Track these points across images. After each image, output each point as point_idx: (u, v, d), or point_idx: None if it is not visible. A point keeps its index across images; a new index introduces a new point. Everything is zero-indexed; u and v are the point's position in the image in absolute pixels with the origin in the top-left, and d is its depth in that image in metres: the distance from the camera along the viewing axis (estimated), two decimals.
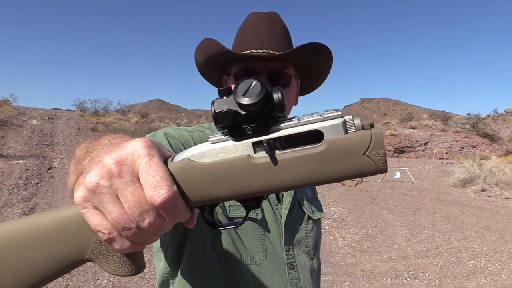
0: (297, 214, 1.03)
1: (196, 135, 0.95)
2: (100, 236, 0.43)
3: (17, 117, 16.09)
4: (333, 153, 0.45)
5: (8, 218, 6.31)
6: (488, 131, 24.73)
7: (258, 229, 0.93)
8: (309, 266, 1.02)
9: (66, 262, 0.45)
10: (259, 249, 0.92)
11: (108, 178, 0.40)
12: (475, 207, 8.98)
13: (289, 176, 0.46)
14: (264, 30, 1.00)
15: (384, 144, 0.45)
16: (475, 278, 4.82)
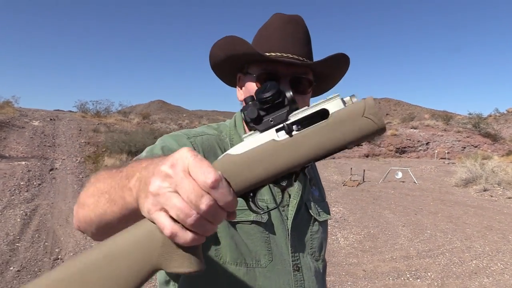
0: (303, 216, 1.03)
1: (198, 140, 0.95)
2: (165, 232, 0.49)
3: (19, 118, 16.11)
4: (339, 121, 0.56)
5: (10, 219, 6.32)
6: (490, 131, 24.66)
7: (263, 232, 0.94)
8: (314, 268, 1.02)
9: (142, 272, 0.52)
10: (264, 251, 0.93)
11: (167, 180, 0.50)
12: (477, 207, 8.96)
13: (308, 148, 0.56)
14: (289, 34, 0.99)
15: (376, 106, 0.57)
16: (477, 278, 4.81)
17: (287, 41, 0.98)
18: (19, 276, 4.41)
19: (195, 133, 0.98)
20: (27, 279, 4.35)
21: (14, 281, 4.29)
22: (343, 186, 11.97)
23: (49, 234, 5.86)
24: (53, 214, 6.84)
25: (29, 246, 5.34)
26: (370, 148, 22.57)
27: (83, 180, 9.57)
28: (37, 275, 4.50)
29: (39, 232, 5.91)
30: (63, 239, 5.69)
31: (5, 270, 4.55)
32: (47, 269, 4.67)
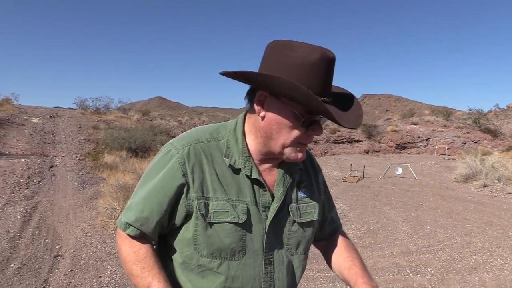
0: (283, 217, 1.13)
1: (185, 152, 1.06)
2: None
3: (19, 115, 16.10)
4: None
5: (10, 216, 6.32)
6: (490, 127, 24.62)
7: (240, 231, 1.06)
8: (287, 261, 1.14)
9: None
10: (239, 247, 1.06)
11: None
12: (477, 202, 8.96)
13: None
14: (330, 76, 1.03)
15: None
16: (477, 273, 4.81)
17: (328, 84, 1.02)
18: (20, 273, 4.41)
19: (188, 141, 1.08)
20: (27, 276, 4.36)
21: (15, 278, 4.30)
22: (343, 182, 11.98)
23: (50, 231, 5.86)
24: (53, 211, 6.85)
25: (29, 243, 5.34)
26: (370, 144, 22.57)
27: (83, 177, 9.57)
28: (38, 272, 4.51)
29: (39, 229, 5.92)
30: (64, 236, 5.69)
31: (5, 267, 4.55)
32: (47, 266, 4.68)
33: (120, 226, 1.09)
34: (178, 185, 1.04)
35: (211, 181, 1.05)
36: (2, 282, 4.17)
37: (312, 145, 21.03)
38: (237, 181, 1.08)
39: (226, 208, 1.04)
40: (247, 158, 1.09)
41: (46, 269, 4.61)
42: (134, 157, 12.11)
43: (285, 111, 1.01)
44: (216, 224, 1.04)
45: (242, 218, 1.05)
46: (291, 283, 1.17)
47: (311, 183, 1.24)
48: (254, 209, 1.08)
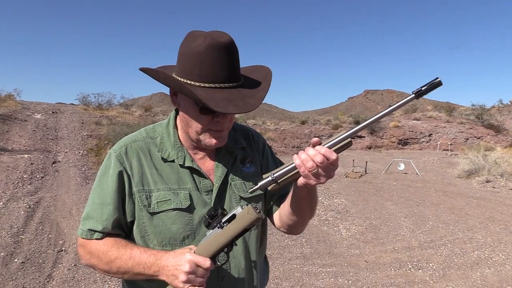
0: (230, 195, 1.20)
1: (123, 150, 1.17)
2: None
3: (21, 111, 16.12)
4: (240, 218, 1.02)
5: (14, 211, 6.36)
6: (493, 122, 24.48)
7: (185, 216, 1.12)
8: (243, 239, 1.20)
9: None
10: (187, 232, 1.13)
11: (189, 275, 0.99)
12: (480, 198, 8.95)
13: (230, 231, 1.03)
14: (226, 62, 1.05)
15: (252, 210, 1.02)
16: (479, 269, 4.82)
17: (222, 70, 1.04)
18: (24, 268, 4.45)
19: (125, 142, 1.19)
20: (31, 271, 4.39)
21: (19, 272, 4.33)
22: (345, 177, 11.97)
23: (53, 226, 5.89)
24: (56, 206, 6.88)
25: (33, 238, 5.38)
26: (372, 140, 22.53)
27: (86, 173, 9.60)
28: (42, 266, 4.54)
29: (42, 224, 5.95)
30: (67, 231, 5.72)
31: (9, 261, 4.58)
32: (51, 261, 4.71)
33: (84, 235, 1.14)
34: (121, 179, 1.13)
35: (150, 174, 1.14)
36: (7, 277, 4.20)
37: None
38: (176, 171, 1.15)
39: (168, 197, 1.12)
40: (180, 149, 1.17)
41: (50, 263, 4.64)
42: None
43: (188, 100, 1.09)
44: (161, 213, 1.11)
45: (185, 203, 1.12)
46: (247, 258, 1.23)
47: (255, 158, 1.30)
48: (196, 194, 1.15)
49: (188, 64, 1.05)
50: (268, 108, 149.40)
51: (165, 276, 1.01)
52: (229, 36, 1.06)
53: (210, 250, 1.01)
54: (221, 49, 1.03)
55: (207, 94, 1.02)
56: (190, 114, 1.10)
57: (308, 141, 20.44)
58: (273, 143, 18.89)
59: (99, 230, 1.12)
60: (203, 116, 1.08)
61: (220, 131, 1.13)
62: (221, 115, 1.08)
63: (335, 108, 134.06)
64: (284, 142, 19.55)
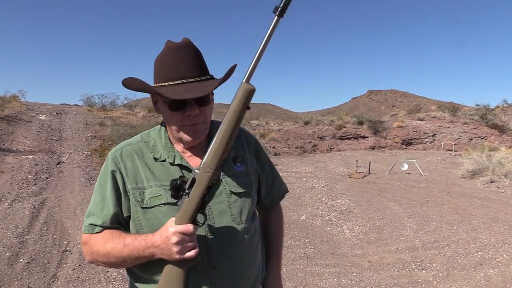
0: (220, 190, 1.26)
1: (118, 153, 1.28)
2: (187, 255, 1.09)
3: (26, 112, 16.22)
4: (198, 179, 1.08)
5: (18, 212, 6.40)
6: (497, 122, 24.35)
7: (176, 209, 1.16)
8: (234, 230, 1.26)
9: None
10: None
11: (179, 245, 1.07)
12: (484, 198, 8.92)
13: (196, 193, 1.08)
14: (183, 60, 1.17)
15: (208, 165, 1.07)
16: (483, 269, 4.81)
17: (182, 66, 1.16)
18: (29, 268, 4.48)
19: (121, 146, 1.30)
20: (36, 271, 4.42)
21: (24, 272, 4.36)
22: (349, 178, 11.96)
23: (57, 227, 5.93)
24: (60, 207, 6.92)
25: (38, 239, 5.41)
26: (376, 140, 22.48)
27: (90, 173, 9.64)
28: (46, 267, 4.57)
29: (47, 224, 5.99)
30: (71, 232, 5.76)
31: (15, 261, 4.62)
32: (56, 261, 4.74)
33: (86, 230, 1.25)
34: (115, 178, 1.24)
35: (143, 172, 1.24)
36: (12, 277, 4.24)
37: (318, 141, 21.01)
38: (167, 169, 1.24)
39: (159, 192, 1.20)
40: (170, 149, 1.27)
41: (55, 264, 4.67)
42: None
43: (162, 103, 1.21)
44: (154, 208, 1.20)
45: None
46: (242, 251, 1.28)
47: (246, 158, 1.38)
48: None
49: (158, 70, 1.19)
50: (272, 108, 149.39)
51: (161, 254, 1.09)
52: (187, 39, 1.20)
53: (187, 216, 1.06)
54: (180, 49, 1.16)
55: (170, 89, 1.14)
56: (166, 115, 1.22)
57: (311, 142, 20.43)
58: (277, 143, 18.89)
59: (99, 224, 1.21)
60: (174, 113, 1.18)
61: (194, 125, 1.20)
62: (189, 109, 1.16)
63: (338, 109, 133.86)
64: (287, 143, 19.55)
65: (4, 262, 4.56)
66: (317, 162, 15.79)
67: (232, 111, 0.98)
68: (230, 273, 1.24)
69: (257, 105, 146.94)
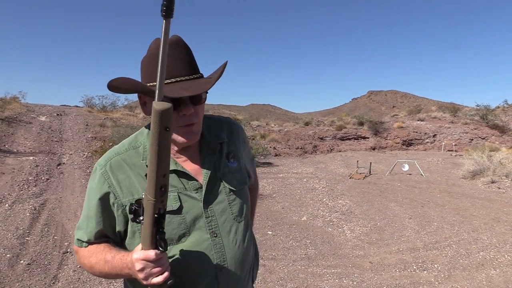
0: (220, 190, 1.25)
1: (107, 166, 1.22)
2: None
3: (26, 114, 16.23)
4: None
5: (19, 213, 6.40)
6: (498, 123, 24.31)
7: (177, 217, 1.17)
8: (236, 228, 1.25)
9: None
10: (182, 231, 1.17)
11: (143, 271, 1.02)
12: (485, 199, 8.91)
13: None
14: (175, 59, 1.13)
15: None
16: (484, 270, 4.80)
17: (175, 66, 1.12)
18: (29, 269, 4.47)
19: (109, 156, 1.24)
20: (37, 272, 4.42)
21: (25, 274, 4.35)
22: (350, 178, 11.95)
23: (58, 228, 5.92)
24: (61, 208, 6.91)
25: (38, 240, 5.41)
26: (376, 141, 22.46)
27: (90, 175, 9.62)
28: (47, 268, 4.56)
29: (48, 226, 5.98)
30: (72, 233, 5.75)
31: (15, 263, 4.61)
32: (56, 263, 4.73)
33: (75, 243, 1.26)
34: (106, 196, 1.19)
35: (138, 182, 1.19)
36: (13, 278, 4.23)
37: (318, 141, 21.00)
38: None
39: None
40: None
41: (55, 265, 4.66)
42: None
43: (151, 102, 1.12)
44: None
45: (175, 205, 1.17)
46: (243, 248, 1.27)
47: (237, 152, 1.37)
48: (185, 193, 1.20)
49: (147, 69, 1.14)
50: (272, 109, 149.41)
51: (136, 276, 1.06)
52: (177, 36, 1.15)
53: (146, 242, 1.01)
54: (172, 46, 1.10)
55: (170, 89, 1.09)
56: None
57: (312, 142, 20.43)
58: (277, 144, 18.88)
59: (85, 240, 1.22)
60: None
61: (189, 126, 1.16)
62: (184, 109, 1.12)
63: (338, 109, 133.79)
64: (288, 144, 19.54)
65: (4, 264, 4.55)
66: (318, 163, 15.78)
67: (151, 136, 0.88)
68: (236, 272, 1.23)
69: (257, 106, 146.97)
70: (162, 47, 0.82)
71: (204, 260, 1.19)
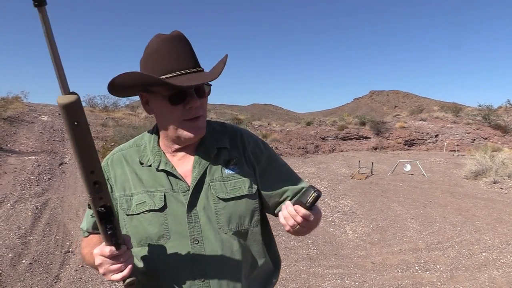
0: (206, 196, 1.19)
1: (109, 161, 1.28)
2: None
3: (28, 113, 16.26)
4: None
5: (21, 213, 6.41)
6: (500, 123, 24.25)
7: (160, 216, 1.15)
8: (221, 239, 1.17)
9: None
10: (162, 232, 1.15)
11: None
12: (487, 199, 8.89)
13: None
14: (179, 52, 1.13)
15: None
16: (487, 271, 4.78)
17: (181, 58, 1.12)
18: (31, 269, 4.48)
19: (113, 152, 1.31)
20: (39, 272, 4.42)
21: (27, 273, 4.36)
22: (351, 179, 11.94)
23: (60, 228, 5.93)
24: (63, 208, 6.92)
25: (40, 240, 5.41)
26: (378, 141, 22.44)
27: None
28: (49, 268, 4.57)
29: (50, 225, 5.99)
30: (74, 233, 5.75)
31: (17, 262, 4.62)
32: (58, 262, 4.74)
33: (81, 233, 1.33)
34: None
35: (131, 179, 1.21)
36: (15, 278, 4.23)
37: (320, 141, 20.99)
38: (153, 174, 1.20)
39: (143, 199, 1.17)
40: (157, 153, 1.23)
41: (57, 265, 4.67)
42: None
43: (156, 98, 1.15)
44: (139, 215, 1.17)
45: (158, 205, 1.16)
46: (231, 262, 1.18)
47: (241, 160, 1.28)
48: (172, 195, 1.18)
49: (151, 64, 1.13)
50: (274, 109, 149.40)
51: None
52: (178, 31, 1.15)
53: (103, 238, 1.01)
54: (174, 40, 1.12)
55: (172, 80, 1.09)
56: (163, 112, 1.16)
57: (313, 142, 20.41)
58: (279, 144, 18.87)
59: (85, 230, 1.29)
60: (174, 107, 1.12)
61: (195, 120, 1.15)
62: (191, 101, 1.12)
63: (340, 109, 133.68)
64: (289, 144, 19.53)
65: (6, 263, 4.56)
66: (320, 163, 15.77)
67: (67, 133, 0.84)
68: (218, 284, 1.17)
69: (259, 106, 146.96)
70: (48, 40, 0.76)
71: (182, 266, 1.15)
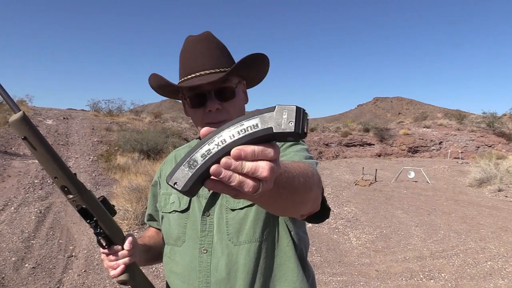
0: (220, 204, 1.12)
1: (167, 159, 1.36)
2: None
3: (33, 117, 16.32)
4: None
5: (25, 216, 6.41)
6: (505, 130, 24.17)
7: (182, 218, 1.16)
8: (229, 252, 1.08)
9: None
10: (180, 234, 1.15)
11: None
12: (492, 207, 8.82)
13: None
14: (201, 52, 1.13)
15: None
16: (492, 280, 4.74)
17: (199, 59, 1.12)
18: (34, 273, 4.47)
19: (173, 151, 1.39)
20: (42, 276, 4.41)
21: (29, 277, 4.35)
22: (355, 185, 11.90)
23: (63, 232, 5.93)
24: (67, 212, 6.93)
25: (43, 244, 5.41)
26: (382, 148, 22.39)
27: (96, 178, 9.66)
28: (52, 272, 4.56)
29: (53, 229, 5.99)
30: (77, 237, 5.75)
31: (20, 266, 4.62)
32: (61, 267, 4.73)
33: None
34: (155, 184, 1.36)
35: None
36: (17, 282, 4.23)
37: (324, 148, 20.95)
38: None
39: (174, 199, 1.20)
40: None
41: (60, 269, 4.66)
42: (146, 159, 12.18)
43: (184, 100, 1.20)
44: (169, 214, 1.20)
45: (182, 206, 1.17)
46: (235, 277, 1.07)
47: None
48: (196, 199, 1.17)
49: (181, 65, 1.17)
50: None
51: None
52: (208, 31, 1.17)
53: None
54: (197, 42, 1.14)
55: (186, 83, 1.11)
56: (190, 114, 1.19)
57: (317, 149, 20.38)
58: None
59: (147, 220, 1.43)
60: (196, 110, 1.13)
61: (216, 123, 1.09)
62: (209, 104, 1.10)
63: (344, 115, 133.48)
64: None
65: (9, 267, 4.56)
66: (323, 169, 15.73)
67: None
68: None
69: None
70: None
71: (189, 274, 1.11)
